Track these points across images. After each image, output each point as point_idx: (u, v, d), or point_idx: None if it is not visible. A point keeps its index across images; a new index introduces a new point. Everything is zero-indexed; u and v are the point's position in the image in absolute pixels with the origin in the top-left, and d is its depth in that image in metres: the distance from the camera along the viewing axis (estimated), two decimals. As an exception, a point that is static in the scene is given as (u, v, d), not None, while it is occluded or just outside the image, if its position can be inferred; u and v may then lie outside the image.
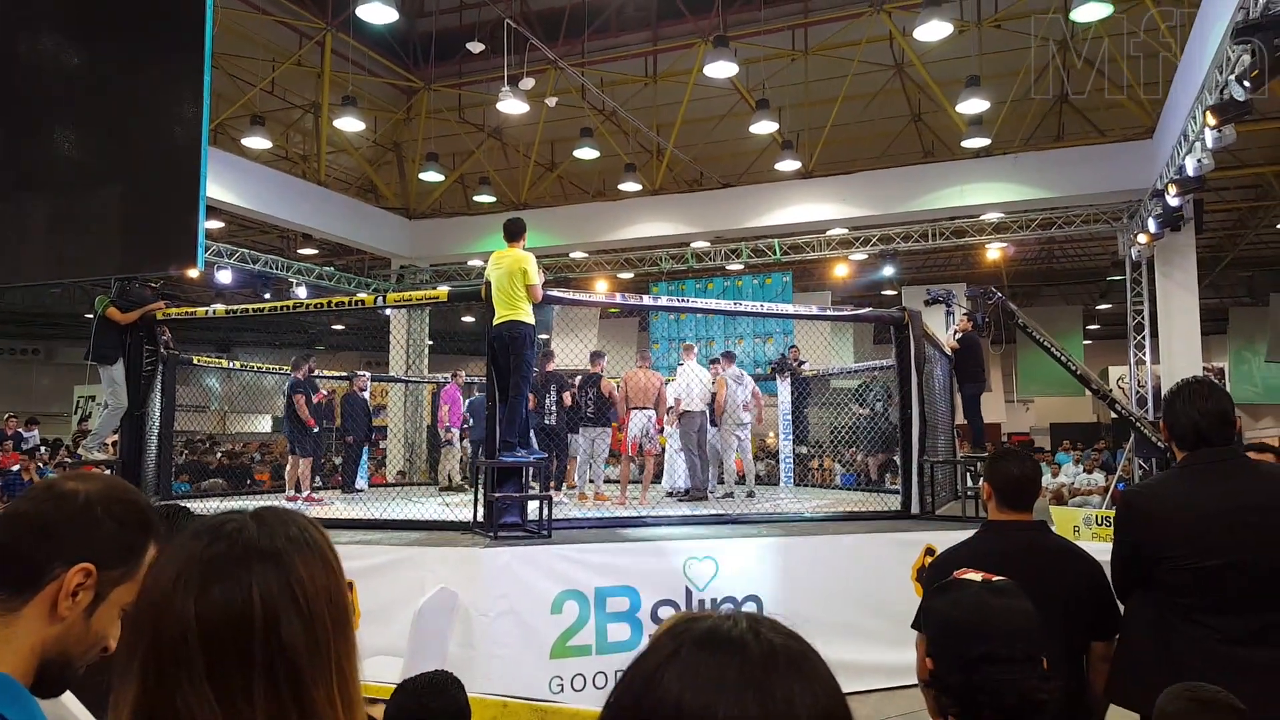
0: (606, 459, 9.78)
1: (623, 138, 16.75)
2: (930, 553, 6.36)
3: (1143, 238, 12.89)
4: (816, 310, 12.74)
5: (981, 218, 14.92)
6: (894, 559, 6.47)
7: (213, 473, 15.52)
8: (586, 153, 15.36)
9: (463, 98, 17.37)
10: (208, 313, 9.03)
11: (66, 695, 1.46)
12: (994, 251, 17.26)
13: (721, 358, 10.02)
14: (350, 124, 14.52)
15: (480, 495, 6.38)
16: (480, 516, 6.28)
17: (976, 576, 1.63)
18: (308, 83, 16.21)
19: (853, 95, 14.66)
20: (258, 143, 14.11)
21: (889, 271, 17.25)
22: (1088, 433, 22.05)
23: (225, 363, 13.19)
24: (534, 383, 8.14)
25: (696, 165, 16.62)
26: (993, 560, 1.96)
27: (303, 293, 15.97)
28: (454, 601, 5.42)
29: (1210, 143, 8.60)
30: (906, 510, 7.45)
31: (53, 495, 1.18)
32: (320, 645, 0.92)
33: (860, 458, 13.76)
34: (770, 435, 16.06)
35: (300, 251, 19.25)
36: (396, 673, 4.30)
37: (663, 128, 15.65)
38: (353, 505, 9.10)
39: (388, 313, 17.37)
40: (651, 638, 0.75)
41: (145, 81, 3.35)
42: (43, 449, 16.07)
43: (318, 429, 9.84)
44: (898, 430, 7.83)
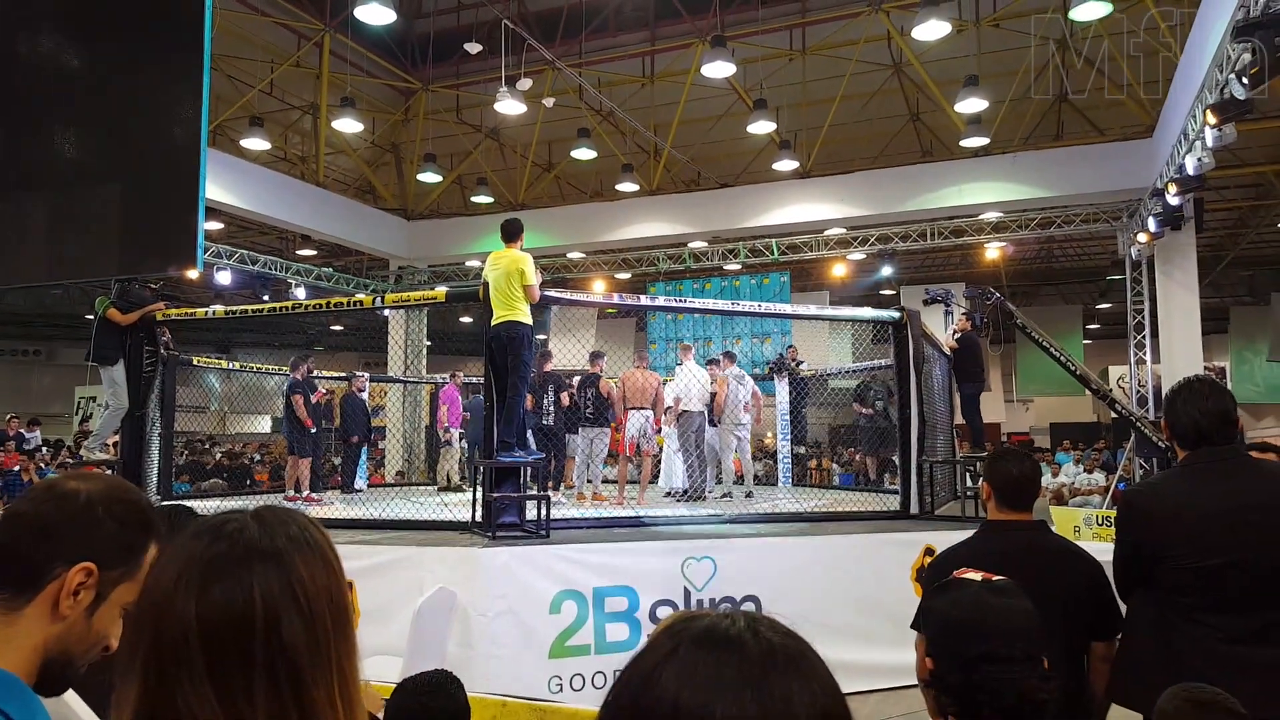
0: (604, 459, 9.78)
1: (620, 138, 16.75)
2: (930, 553, 6.35)
3: (1143, 237, 12.86)
4: (814, 310, 12.72)
5: (980, 217, 14.87)
6: (893, 559, 6.46)
7: (212, 473, 15.53)
8: (584, 153, 15.35)
9: (460, 98, 17.37)
10: (207, 313, 9.05)
11: (69, 694, 1.46)
12: (993, 251, 17.22)
13: (722, 357, 10.01)
14: (348, 125, 14.55)
15: (479, 495, 6.38)
16: (479, 516, 6.29)
17: (976, 576, 1.62)
18: (306, 84, 16.21)
19: (851, 95, 14.65)
20: (256, 144, 14.11)
21: (887, 271, 17.24)
22: (1088, 432, 22.05)
23: (225, 363, 13.22)
24: (532, 383, 8.14)
25: (694, 165, 16.61)
26: (992, 560, 1.96)
27: (301, 293, 15.95)
28: (453, 601, 5.42)
29: (1211, 141, 8.60)
30: (906, 510, 7.44)
31: (54, 495, 1.18)
32: (321, 645, 0.93)
33: (859, 457, 13.75)
34: (768, 435, 16.05)
35: (299, 252, 19.25)
36: (396, 672, 4.29)
37: (660, 128, 15.63)
38: (352, 505, 9.11)
39: (386, 313, 17.35)
40: (650, 637, 0.75)
41: (145, 81, 3.35)
42: (44, 449, 16.07)
43: (315, 429, 9.84)
44: (897, 430, 7.83)
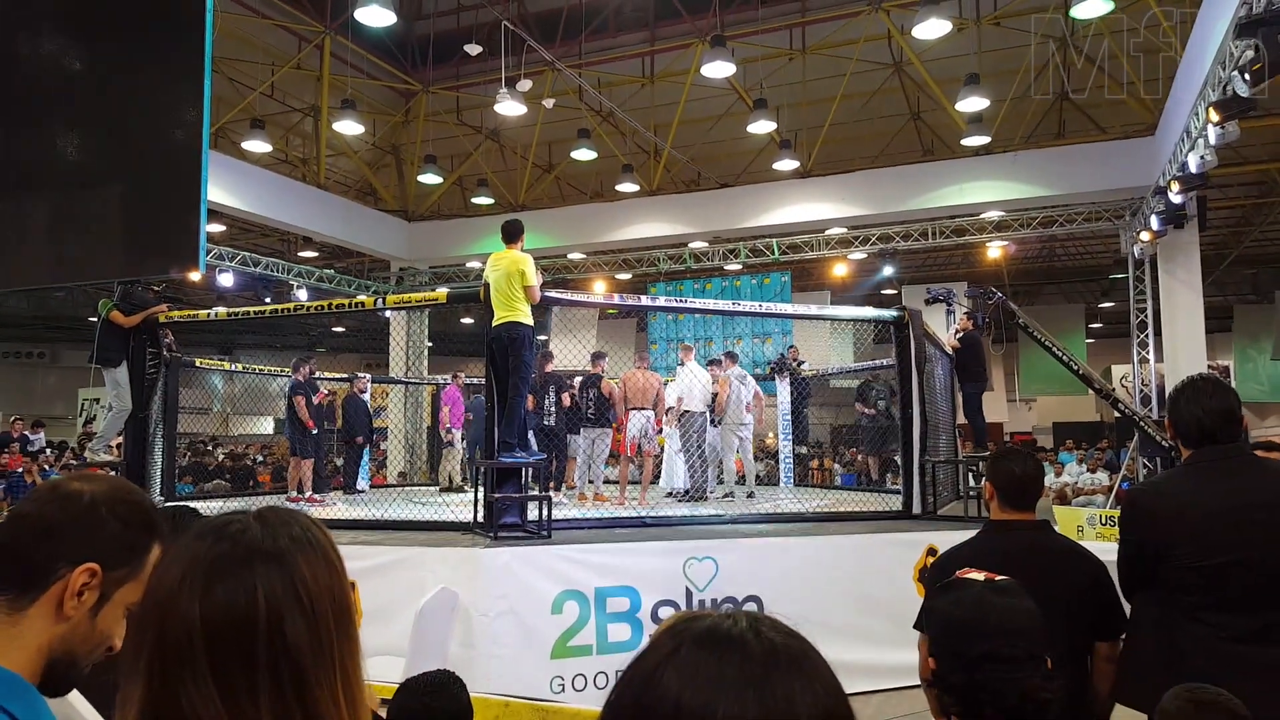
0: (606, 460, 9.79)
1: (620, 138, 16.74)
2: (932, 553, 6.34)
3: (1145, 235, 12.83)
4: (815, 310, 12.71)
5: (982, 216, 14.84)
6: (896, 559, 6.45)
7: (215, 474, 15.55)
8: (584, 154, 15.35)
9: (461, 100, 17.38)
10: (210, 315, 9.11)
11: (73, 694, 1.46)
12: (995, 250, 17.18)
13: (724, 357, 10.00)
14: (349, 127, 14.55)
15: (480, 496, 6.39)
16: (480, 517, 6.29)
17: (979, 576, 1.62)
18: (307, 86, 16.22)
19: (851, 94, 14.64)
20: (258, 146, 14.13)
21: (889, 271, 17.22)
22: (1091, 432, 22.02)
23: (227, 365, 13.24)
24: (533, 384, 8.14)
25: (694, 165, 16.60)
26: (995, 560, 1.95)
27: (303, 295, 15.97)
28: (455, 601, 5.42)
29: (1213, 139, 8.57)
30: (908, 510, 7.43)
31: (57, 496, 1.18)
32: (324, 645, 0.93)
33: (861, 457, 13.73)
34: (770, 435, 16.04)
35: (300, 254, 19.26)
36: (398, 672, 4.30)
37: (660, 128, 15.62)
38: (354, 506, 9.13)
39: (387, 314, 17.36)
40: (651, 637, 0.75)
41: (145, 82, 3.35)
42: (48, 451, 16.10)
43: (317, 431, 9.86)
44: (899, 429, 7.82)
